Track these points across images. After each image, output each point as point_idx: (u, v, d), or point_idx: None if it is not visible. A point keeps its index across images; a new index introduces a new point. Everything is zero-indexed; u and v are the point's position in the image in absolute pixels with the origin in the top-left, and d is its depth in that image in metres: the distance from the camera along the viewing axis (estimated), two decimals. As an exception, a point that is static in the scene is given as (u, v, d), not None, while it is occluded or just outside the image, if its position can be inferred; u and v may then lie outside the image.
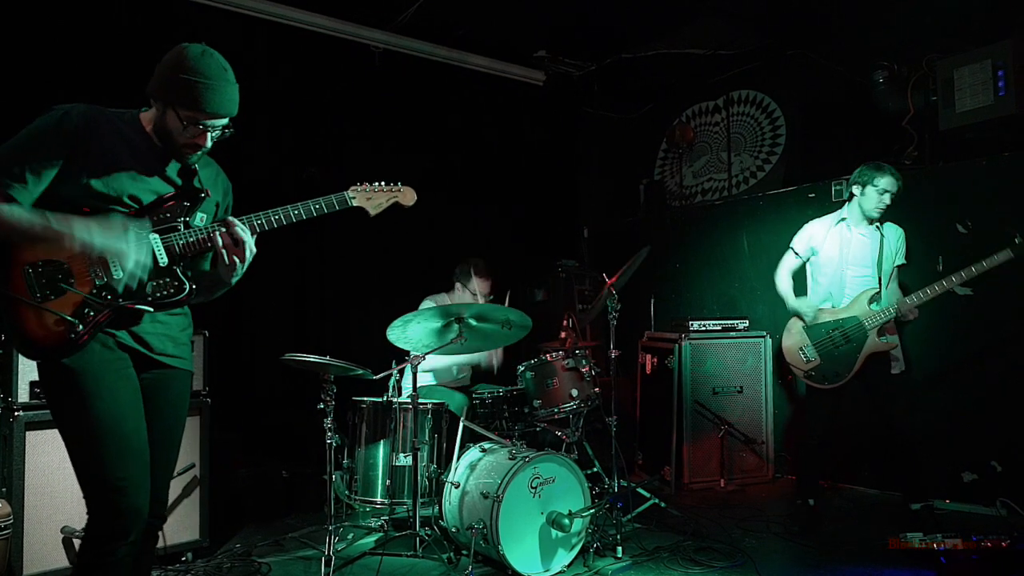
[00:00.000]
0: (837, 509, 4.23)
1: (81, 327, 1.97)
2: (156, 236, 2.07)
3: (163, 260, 2.07)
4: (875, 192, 3.70)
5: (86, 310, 1.99)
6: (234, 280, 2.18)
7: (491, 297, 4.40)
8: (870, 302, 3.71)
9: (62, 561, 3.09)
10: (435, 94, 5.61)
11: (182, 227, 2.11)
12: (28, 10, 3.94)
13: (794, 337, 3.86)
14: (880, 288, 3.74)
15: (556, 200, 6.53)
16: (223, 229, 2.09)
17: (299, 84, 4.96)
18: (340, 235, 4.93)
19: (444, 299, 4.40)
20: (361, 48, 5.21)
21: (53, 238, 1.93)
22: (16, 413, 3.03)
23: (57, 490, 3.09)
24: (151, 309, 2.08)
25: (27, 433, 3.03)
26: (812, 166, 5.41)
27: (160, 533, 2.30)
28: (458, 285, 4.44)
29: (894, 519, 3.78)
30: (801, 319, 3.85)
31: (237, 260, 2.10)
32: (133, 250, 1.99)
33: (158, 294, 2.08)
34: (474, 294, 4.34)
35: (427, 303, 4.30)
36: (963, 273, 3.51)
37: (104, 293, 2.01)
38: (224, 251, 2.09)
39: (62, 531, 3.08)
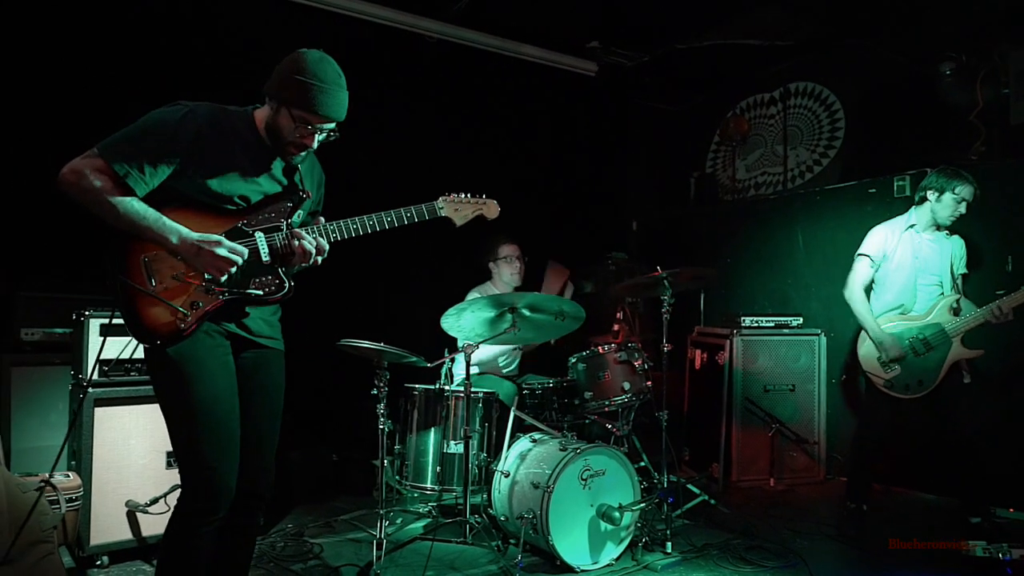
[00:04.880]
0: (892, 513, 4.13)
1: (190, 317, 2.08)
2: (261, 234, 2.17)
3: (266, 258, 2.17)
4: (953, 200, 3.59)
5: (195, 301, 2.09)
6: (294, 269, 2.29)
7: (526, 259, 4.45)
8: (951, 311, 3.61)
9: (126, 534, 3.19)
10: (487, 84, 5.61)
11: (284, 227, 2.20)
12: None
13: (871, 346, 3.72)
14: (958, 296, 3.64)
15: (605, 192, 6.47)
16: (295, 241, 2.17)
17: (353, 73, 4.99)
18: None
19: (489, 288, 4.42)
20: (415, 38, 5.23)
21: (158, 238, 2.03)
22: (86, 390, 3.13)
23: (123, 465, 3.20)
24: (260, 292, 2.18)
25: (96, 409, 3.14)
26: (872, 161, 5.25)
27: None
28: (492, 267, 4.45)
29: (953, 526, 3.68)
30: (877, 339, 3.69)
31: (304, 264, 2.23)
32: (227, 247, 2.07)
33: (264, 291, 2.19)
34: (507, 258, 4.36)
35: (473, 294, 4.32)
36: None
37: (212, 286, 2.10)
38: (296, 257, 2.21)
39: (126, 504, 3.18)
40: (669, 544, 3.39)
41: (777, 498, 4.50)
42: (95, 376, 3.16)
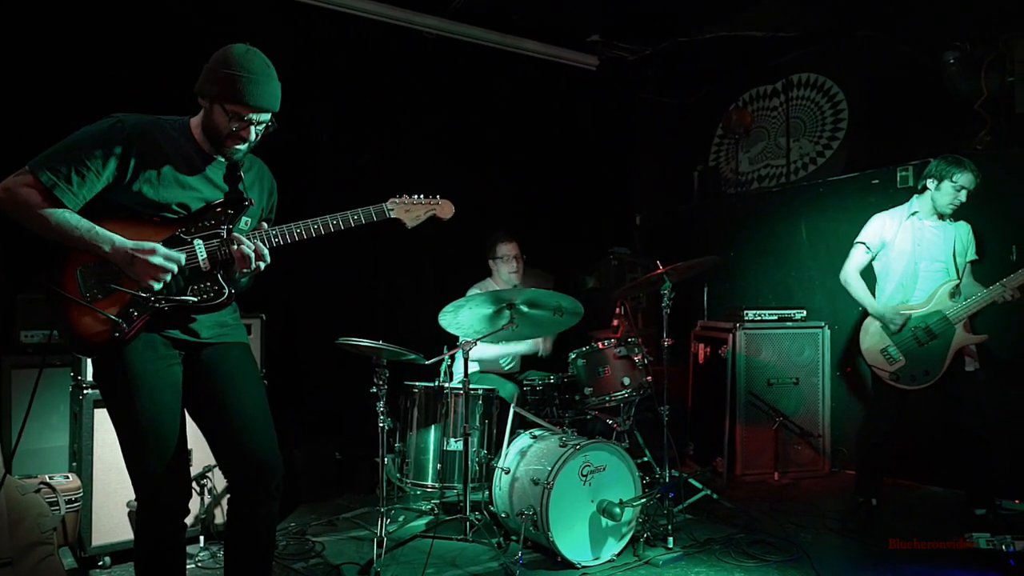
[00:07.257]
0: (898, 506, 4.09)
1: (126, 326, 2.05)
2: (200, 241, 2.14)
3: (205, 264, 2.14)
4: (952, 188, 3.54)
5: (131, 310, 2.06)
6: (243, 280, 2.27)
7: (524, 258, 4.40)
8: (951, 296, 3.56)
9: (128, 535, 3.20)
10: (487, 80, 5.59)
11: (225, 234, 2.17)
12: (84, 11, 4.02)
13: (874, 337, 3.67)
14: (960, 281, 3.59)
15: (608, 187, 6.45)
16: (233, 246, 2.14)
17: (353, 71, 5.01)
18: (393, 222, 4.97)
19: (490, 285, 4.40)
20: (414, 34, 5.22)
21: (92, 248, 2.02)
22: (85, 391, 3.15)
23: (123, 466, 3.18)
24: (195, 299, 2.14)
25: (95, 411, 3.15)
26: (876, 151, 5.21)
27: (215, 509, 2.37)
28: (492, 264, 4.43)
29: (958, 518, 3.64)
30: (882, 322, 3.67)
31: (245, 270, 2.17)
32: (162, 255, 2.04)
33: (200, 297, 2.15)
34: (504, 257, 4.33)
35: (473, 291, 4.31)
36: None
37: (149, 294, 2.08)
38: (236, 262, 2.17)
39: (128, 505, 3.20)
40: (671, 539, 3.37)
41: (781, 492, 4.48)
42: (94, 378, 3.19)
